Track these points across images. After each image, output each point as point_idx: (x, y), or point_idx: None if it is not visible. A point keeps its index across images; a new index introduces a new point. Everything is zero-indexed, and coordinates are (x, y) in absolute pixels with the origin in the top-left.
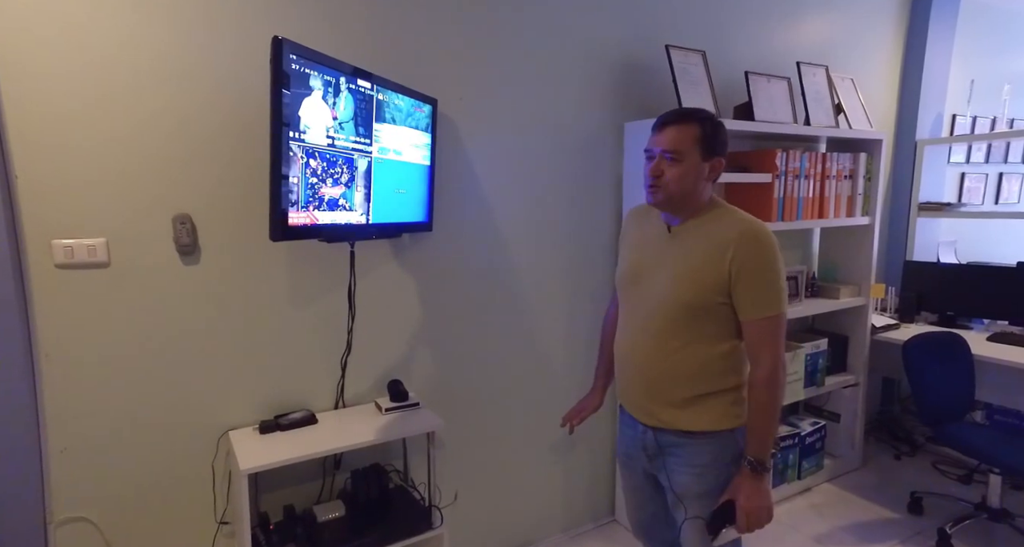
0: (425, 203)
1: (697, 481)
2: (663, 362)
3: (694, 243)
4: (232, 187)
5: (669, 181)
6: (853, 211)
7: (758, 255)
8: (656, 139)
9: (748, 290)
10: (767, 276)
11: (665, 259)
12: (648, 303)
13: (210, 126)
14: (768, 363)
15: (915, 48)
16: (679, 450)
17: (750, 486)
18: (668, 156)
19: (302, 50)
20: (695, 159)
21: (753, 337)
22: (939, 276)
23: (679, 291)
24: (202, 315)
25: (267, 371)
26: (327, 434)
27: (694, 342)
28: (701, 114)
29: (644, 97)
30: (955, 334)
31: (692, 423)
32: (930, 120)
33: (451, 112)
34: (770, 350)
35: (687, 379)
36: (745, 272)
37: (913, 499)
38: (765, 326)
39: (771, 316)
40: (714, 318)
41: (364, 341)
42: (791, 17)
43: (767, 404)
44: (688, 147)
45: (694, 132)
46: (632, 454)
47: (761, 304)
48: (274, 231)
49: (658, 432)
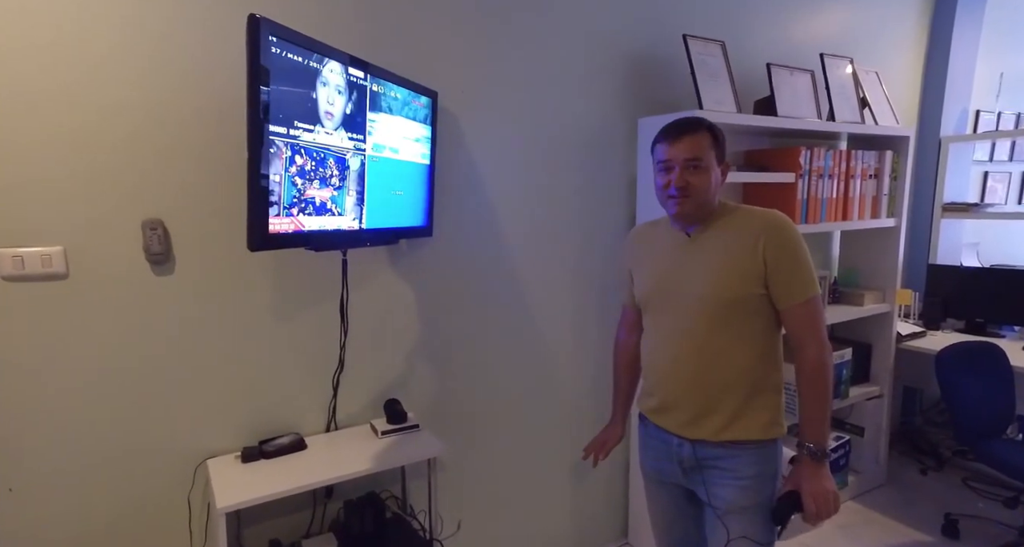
0: (424, 206)
1: (743, 494)
2: (710, 367)
3: (721, 241)
4: (209, 187)
5: (696, 190)
6: (878, 212)
7: (789, 240)
8: (673, 149)
9: (785, 275)
10: (800, 260)
11: (692, 263)
12: (685, 309)
13: (183, 117)
14: (815, 346)
15: (940, 40)
16: (722, 462)
17: (812, 472)
18: (692, 164)
19: (283, 31)
20: (713, 164)
21: (796, 323)
22: (965, 280)
23: (718, 287)
24: (176, 331)
25: (250, 391)
26: (317, 462)
27: (737, 342)
28: (706, 122)
29: (659, 91)
30: (991, 343)
31: (740, 432)
32: (955, 116)
33: (452, 106)
34: (814, 333)
35: (735, 383)
36: (780, 258)
37: (948, 521)
38: (806, 310)
39: (810, 298)
40: (753, 313)
41: (358, 357)
42: (811, 7)
43: (820, 388)
44: (706, 154)
45: (707, 139)
46: (664, 469)
47: (799, 288)
48: (252, 239)
49: (697, 444)
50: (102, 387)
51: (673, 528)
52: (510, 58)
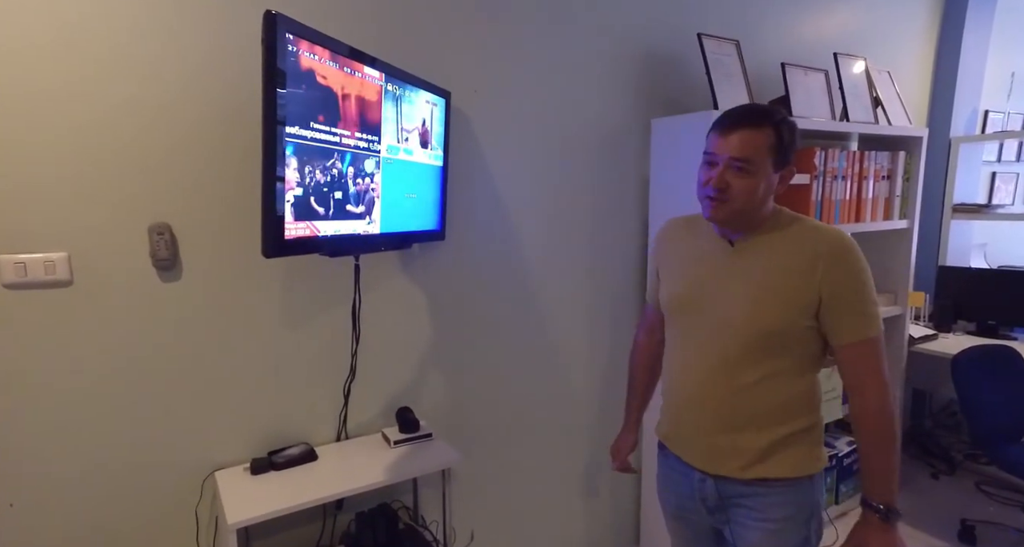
0: (437, 209)
1: (772, 539)
2: (737, 401)
3: (769, 258)
4: (218, 190)
5: (737, 195)
6: (891, 214)
7: (854, 269)
8: (722, 143)
9: (846, 311)
10: (866, 293)
11: (732, 278)
12: (716, 331)
13: (191, 117)
14: (877, 390)
15: (951, 39)
16: (749, 501)
17: (883, 541)
18: (737, 166)
19: (300, 29)
20: (767, 169)
21: (854, 363)
22: (976, 282)
23: (758, 315)
24: (183, 339)
25: (260, 401)
26: (329, 474)
27: (773, 375)
28: (776, 115)
29: (672, 91)
30: (1008, 347)
31: (769, 470)
32: (965, 116)
33: (465, 106)
34: (876, 375)
35: (765, 421)
36: (841, 291)
37: (964, 527)
38: (868, 349)
39: (871, 338)
40: (796, 346)
41: (369, 365)
42: (821, 6)
43: (886, 436)
44: (761, 156)
45: (768, 138)
46: (686, 506)
47: (861, 326)
48: (267, 246)
49: (719, 481)
50: (107, 397)
51: None
52: (522, 58)
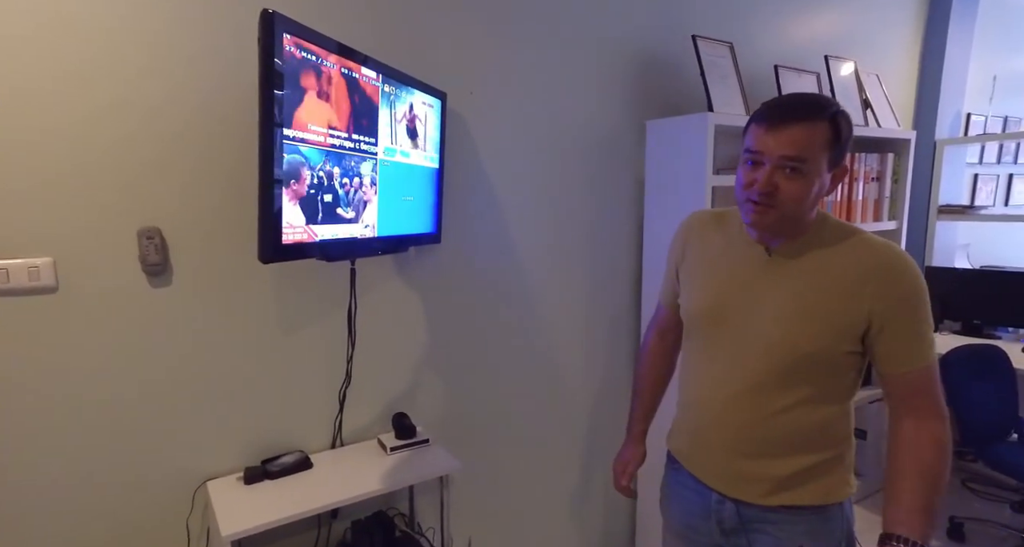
0: (433, 211)
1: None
2: (766, 427)
3: (812, 272)
4: (210, 193)
5: (786, 200)
6: (880, 215)
7: (912, 293)
8: (770, 140)
9: (902, 337)
10: (924, 317)
11: (767, 292)
12: (746, 349)
13: (182, 117)
14: (935, 422)
15: (935, 43)
16: (773, 528)
17: None
18: (791, 166)
19: (298, 29)
20: (821, 170)
21: (907, 392)
22: (962, 282)
23: (795, 337)
24: (174, 346)
25: (253, 408)
26: (324, 482)
27: (806, 402)
28: (833, 107)
29: (666, 93)
30: (994, 346)
31: (795, 498)
32: (949, 119)
33: (461, 108)
34: (934, 406)
35: (795, 448)
36: (897, 315)
37: (953, 525)
38: (924, 377)
39: (928, 365)
40: (835, 371)
41: (365, 370)
42: (810, 10)
43: (940, 473)
44: (816, 154)
45: (825, 133)
46: (696, 526)
47: (918, 352)
48: (264, 250)
49: (741, 505)
50: (93, 407)
51: None
52: (517, 60)
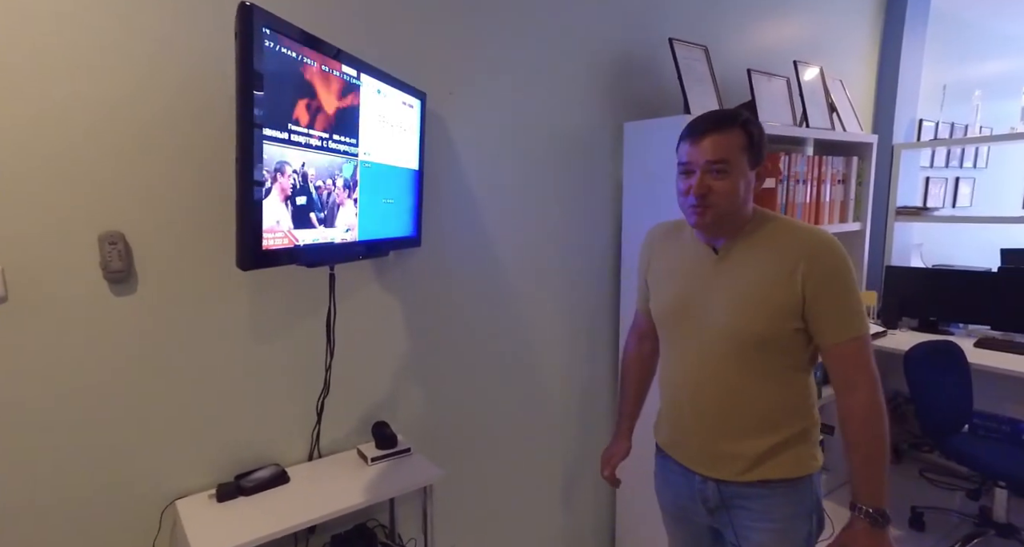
0: (413, 214)
1: (778, 539)
2: (734, 407)
3: (752, 262)
4: (178, 195)
5: (719, 198)
6: (846, 216)
7: (836, 269)
8: (695, 150)
9: (831, 310)
10: (849, 290)
11: (718, 285)
12: (707, 339)
13: (147, 116)
14: (866, 390)
15: (890, 53)
16: (750, 502)
17: (871, 543)
18: (715, 168)
19: (278, 23)
20: (744, 168)
21: (842, 362)
22: (918, 281)
23: (746, 319)
24: (138, 357)
25: (225, 421)
26: (303, 497)
27: (765, 379)
28: (742, 116)
29: (643, 95)
30: (951, 342)
31: (768, 472)
32: (904, 124)
33: (440, 108)
34: (865, 374)
35: (763, 425)
36: (824, 289)
37: (914, 514)
38: (854, 349)
39: (858, 337)
40: (786, 349)
41: (343, 378)
42: (778, 15)
43: (875, 439)
44: (736, 155)
45: (740, 138)
46: (687, 506)
47: (846, 325)
48: (244, 257)
49: (721, 484)
50: (49, 424)
51: None
52: (496, 61)
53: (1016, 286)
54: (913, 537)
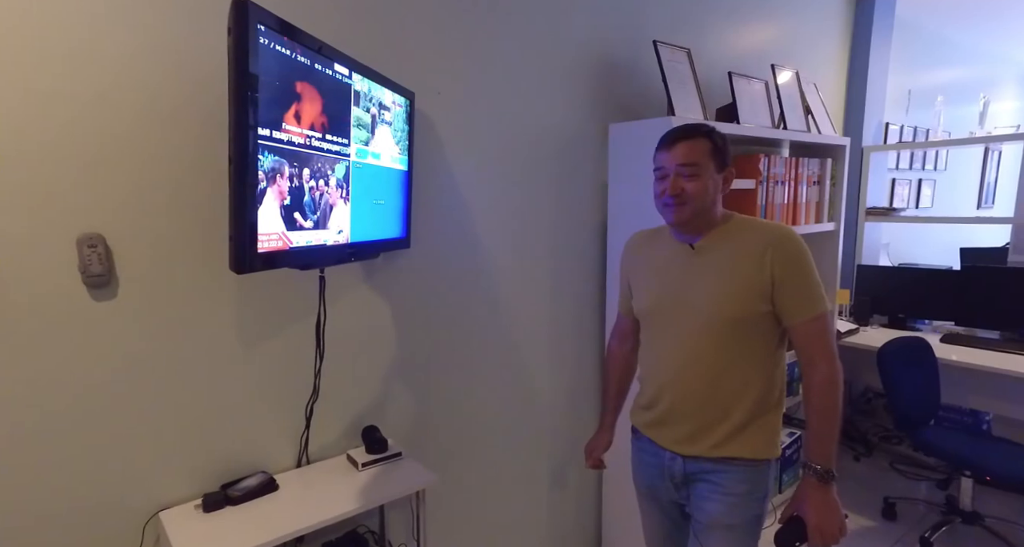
0: (402, 215)
1: (729, 511)
2: (710, 386)
3: (726, 254)
4: (161, 195)
5: (691, 197)
6: (821, 217)
7: (797, 255)
8: (668, 156)
9: (793, 291)
10: (809, 274)
11: (696, 276)
12: (688, 325)
13: (128, 113)
14: (826, 364)
15: (859, 59)
16: (712, 476)
17: (819, 498)
18: (685, 171)
19: (273, 20)
20: (711, 171)
21: (805, 340)
22: (888, 279)
23: (723, 304)
24: (120, 364)
25: (211, 429)
26: (293, 505)
27: (741, 361)
28: (706, 127)
29: (629, 97)
30: (921, 338)
31: (735, 449)
32: (872, 127)
33: (428, 108)
34: (824, 350)
35: (738, 402)
36: (788, 273)
37: (887, 505)
38: (815, 326)
39: (819, 315)
40: (759, 332)
41: (332, 382)
42: (753, 21)
43: (830, 406)
44: (703, 160)
45: (705, 145)
46: (656, 485)
47: (808, 304)
48: (240, 260)
49: (688, 459)
50: (28, 434)
51: (666, 543)
52: (483, 61)
53: (977, 284)
54: (886, 527)
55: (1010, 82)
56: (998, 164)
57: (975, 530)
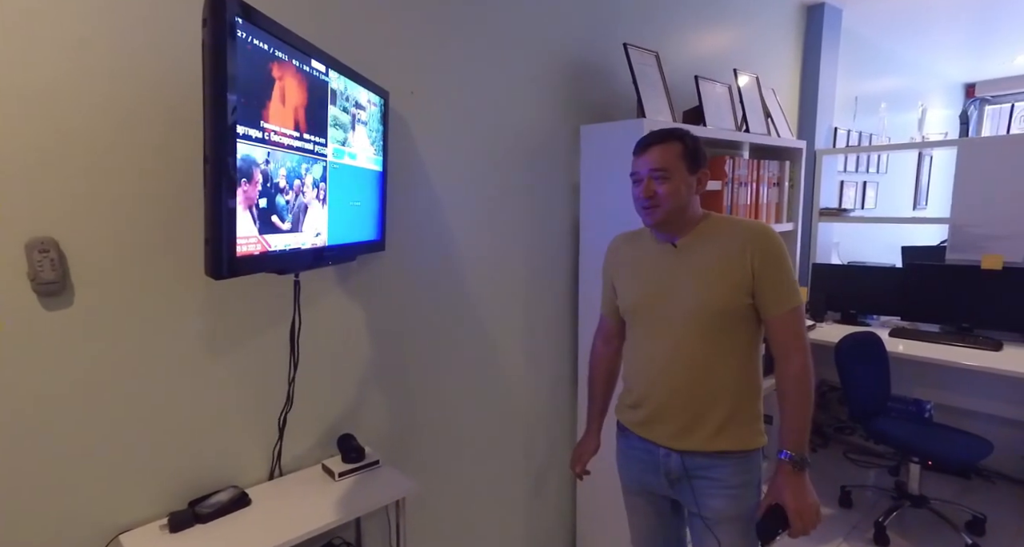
0: (377, 217)
1: (733, 504)
2: (701, 378)
3: (708, 250)
4: (119, 195)
5: (664, 199)
6: (781, 217)
7: (775, 250)
8: (641, 161)
9: (772, 285)
10: (786, 269)
11: (681, 272)
12: (675, 320)
13: (83, 106)
14: (800, 355)
15: (811, 67)
16: (711, 472)
17: (796, 485)
18: (657, 175)
19: (251, 13)
20: (683, 174)
21: (781, 332)
22: (839, 277)
23: (709, 297)
24: (76, 377)
25: (177, 443)
26: (266, 520)
27: (726, 353)
28: (679, 131)
29: (599, 99)
30: (873, 333)
31: (729, 443)
32: (824, 132)
33: (402, 108)
34: (798, 342)
35: (725, 393)
36: (767, 267)
37: (843, 493)
38: (791, 319)
39: (795, 307)
40: (741, 323)
41: (306, 391)
42: (716, 27)
43: (804, 396)
44: (675, 163)
45: (677, 149)
46: (648, 481)
47: (785, 297)
48: (217, 265)
49: (685, 455)
50: None
51: (656, 538)
52: (457, 62)
53: (920, 280)
54: (843, 514)
55: (940, 92)
56: (930, 168)
57: (922, 513)
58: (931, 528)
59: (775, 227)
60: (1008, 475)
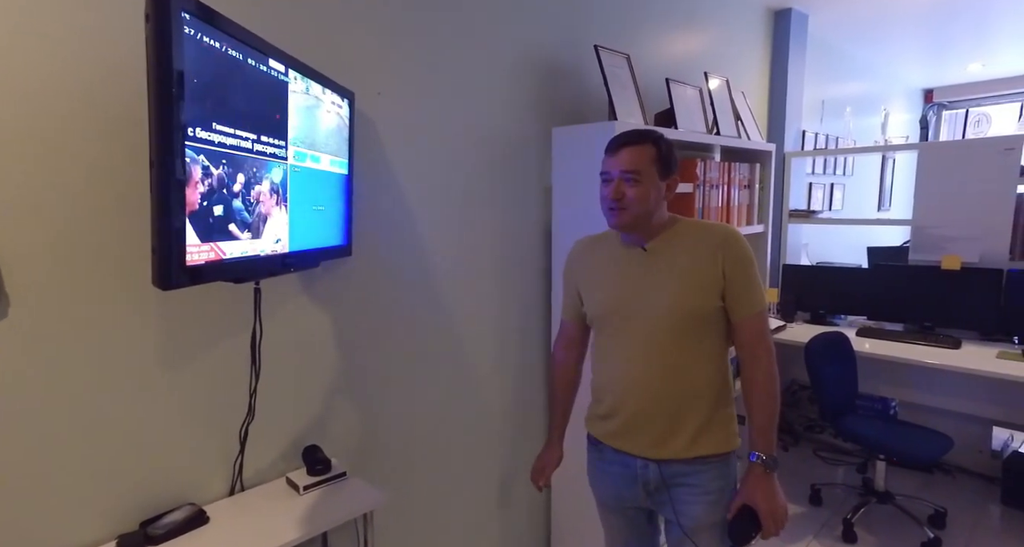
0: (343, 222)
1: (711, 510)
2: (676, 382)
3: (679, 253)
4: (59, 199)
5: (632, 201)
6: (752, 219)
7: (744, 254)
8: (613, 161)
9: (743, 287)
10: (754, 272)
11: (653, 276)
12: (648, 324)
13: (12, 103)
14: (766, 358)
15: (779, 70)
16: (689, 479)
17: (766, 486)
18: (628, 177)
19: (197, 7)
20: (654, 178)
21: (748, 334)
22: (809, 277)
23: (683, 299)
24: (13, 394)
25: (126, 459)
26: (225, 539)
27: (700, 357)
28: (654, 134)
29: (571, 101)
30: (841, 333)
31: (706, 447)
32: (792, 134)
33: (368, 109)
34: (765, 345)
35: (699, 398)
36: (737, 270)
37: (813, 491)
38: (757, 322)
39: (760, 311)
40: (714, 327)
41: (269, 401)
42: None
43: (772, 398)
44: (647, 167)
45: (650, 152)
46: (623, 494)
47: (752, 301)
48: (165, 275)
49: (663, 464)
50: None
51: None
52: (425, 63)
53: (884, 281)
54: (813, 512)
55: (901, 97)
56: (893, 170)
57: (888, 508)
58: (896, 523)
59: (746, 229)
60: (967, 469)
